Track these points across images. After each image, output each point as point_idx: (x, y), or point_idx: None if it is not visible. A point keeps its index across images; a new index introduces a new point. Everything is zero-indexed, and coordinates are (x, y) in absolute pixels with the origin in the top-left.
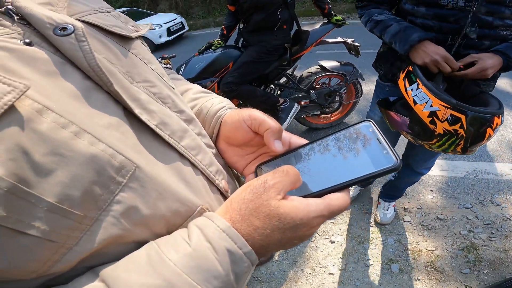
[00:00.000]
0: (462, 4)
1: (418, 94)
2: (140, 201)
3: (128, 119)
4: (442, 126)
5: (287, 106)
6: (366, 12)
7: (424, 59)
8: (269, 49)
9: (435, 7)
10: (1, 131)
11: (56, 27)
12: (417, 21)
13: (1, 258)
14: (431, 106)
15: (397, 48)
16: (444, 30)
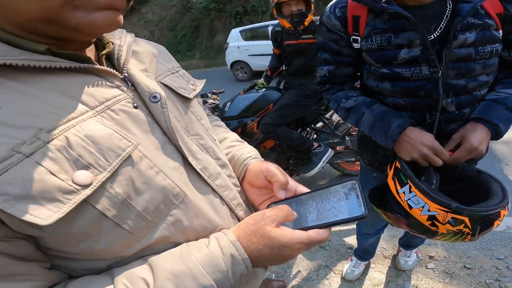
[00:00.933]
0: (427, 72)
1: (412, 198)
2: (183, 217)
3: (184, 163)
4: (445, 227)
5: (320, 151)
6: (332, 97)
7: (412, 154)
8: (307, 93)
9: (400, 80)
10: (122, 169)
11: (151, 95)
12: (387, 100)
13: (103, 241)
14: (429, 210)
15: (379, 142)
16: (419, 108)
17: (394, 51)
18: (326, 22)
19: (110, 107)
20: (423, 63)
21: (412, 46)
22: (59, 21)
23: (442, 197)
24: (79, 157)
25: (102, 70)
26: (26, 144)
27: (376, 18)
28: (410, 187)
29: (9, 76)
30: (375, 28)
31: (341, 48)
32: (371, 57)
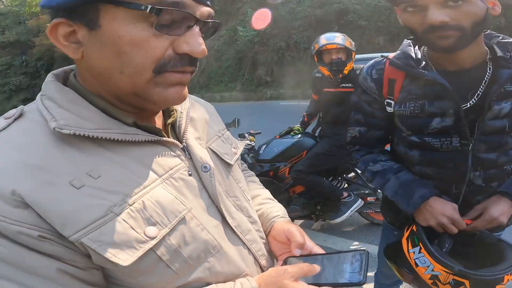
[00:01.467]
0: (457, 144)
1: (420, 258)
2: (217, 264)
3: (222, 221)
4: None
5: (350, 201)
6: (360, 158)
7: (429, 221)
8: (342, 143)
9: (429, 150)
10: (178, 226)
11: (203, 165)
12: (414, 168)
13: (155, 277)
14: (433, 270)
15: (401, 207)
16: (445, 179)
17: (427, 119)
18: (362, 84)
19: (172, 176)
20: (454, 134)
21: (445, 116)
22: (144, 95)
23: (447, 260)
24: (150, 216)
25: (169, 142)
26: (116, 206)
27: (412, 83)
28: (420, 248)
29: (105, 146)
30: (410, 94)
31: (374, 111)
32: (403, 123)
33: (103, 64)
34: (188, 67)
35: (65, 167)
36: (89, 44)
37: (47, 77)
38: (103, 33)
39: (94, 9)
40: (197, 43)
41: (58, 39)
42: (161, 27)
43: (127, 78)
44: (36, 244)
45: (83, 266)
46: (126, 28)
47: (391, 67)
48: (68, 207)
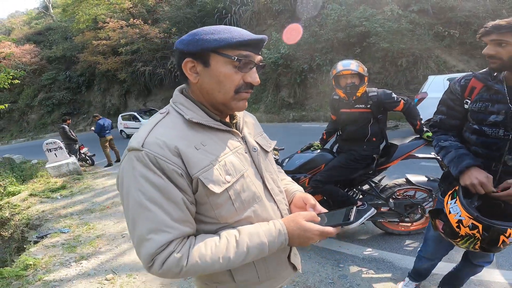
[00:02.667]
0: (501, 134)
1: (453, 207)
2: (259, 209)
3: (263, 184)
4: (465, 230)
5: (363, 209)
6: (436, 137)
7: (466, 182)
8: (357, 157)
9: (483, 136)
10: (240, 178)
11: (253, 147)
12: (471, 148)
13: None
14: (460, 216)
15: (451, 171)
16: (489, 157)
17: (487, 115)
18: (451, 86)
19: (238, 151)
20: (501, 127)
21: (499, 114)
22: (228, 105)
23: (472, 209)
24: (228, 169)
25: (235, 132)
26: (213, 161)
27: (486, 91)
28: (455, 200)
29: (207, 130)
30: (481, 97)
31: (455, 106)
32: (471, 116)
33: (210, 86)
34: (250, 90)
35: (192, 138)
36: (203, 74)
37: (176, 91)
38: (211, 69)
39: (207, 55)
40: (255, 76)
41: (187, 70)
42: (239, 68)
43: (222, 95)
44: (177, 179)
45: (191, 200)
46: (223, 68)
47: (475, 79)
48: (194, 158)
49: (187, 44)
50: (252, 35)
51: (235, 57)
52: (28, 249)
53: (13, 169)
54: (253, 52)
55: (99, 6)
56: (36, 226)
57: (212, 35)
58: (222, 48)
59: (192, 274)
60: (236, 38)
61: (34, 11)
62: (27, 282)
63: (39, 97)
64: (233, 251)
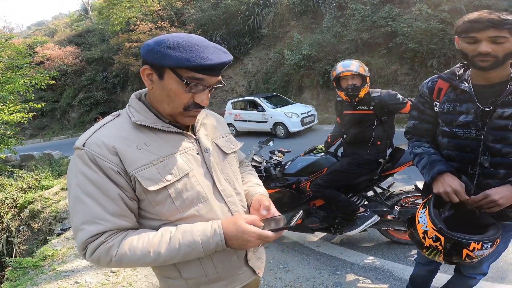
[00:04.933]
0: (473, 134)
1: (422, 217)
2: (203, 209)
3: (213, 184)
4: (429, 242)
5: (365, 216)
6: (410, 144)
7: (439, 189)
8: (360, 162)
9: (455, 138)
10: (184, 178)
11: (205, 148)
12: (444, 152)
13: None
14: (426, 226)
15: (424, 178)
16: (464, 160)
17: (456, 115)
18: (420, 90)
19: (186, 152)
20: (472, 127)
21: (469, 114)
22: (175, 118)
23: (437, 220)
24: (169, 169)
25: (187, 134)
26: (154, 160)
27: (452, 91)
28: (425, 209)
29: (154, 132)
30: (448, 98)
31: (425, 109)
32: (441, 118)
33: (160, 97)
34: (199, 109)
35: (135, 139)
36: (156, 85)
37: (132, 96)
38: (164, 83)
39: (163, 69)
40: (204, 98)
41: (144, 76)
42: (189, 90)
43: (170, 108)
44: (113, 175)
45: (130, 196)
46: (174, 85)
47: (441, 80)
48: (133, 157)
49: (148, 51)
50: (208, 60)
51: (185, 79)
52: (50, 241)
53: (51, 165)
54: (209, 75)
55: (131, 9)
56: (63, 219)
57: (172, 50)
58: (177, 67)
59: (124, 264)
60: (192, 62)
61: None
62: (42, 272)
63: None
64: (164, 247)
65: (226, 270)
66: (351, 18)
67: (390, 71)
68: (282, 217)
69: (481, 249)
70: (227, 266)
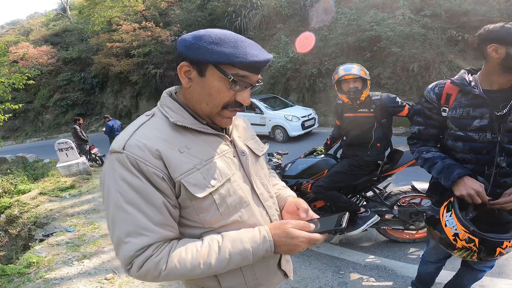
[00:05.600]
0: (489, 137)
1: (449, 220)
2: (245, 214)
3: (251, 188)
4: (462, 243)
5: (366, 216)
6: (416, 149)
7: (462, 192)
8: (360, 163)
9: (470, 141)
10: (226, 183)
11: (241, 151)
12: (458, 155)
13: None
14: (456, 229)
15: (442, 182)
16: (480, 162)
17: (470, 120)
18: (426, 95)
19: (225, 155)
20: (488, 130)
21: (483, 118)
22: (212, 118)
23: (468, 223)
24: (213, 174)
25: (224, 136)
26: (197, 165)
27: (463, 96)
28: (451, 213)
29: (193, 133)
30: (460, 103)
31: (432, 115)
32: (453, 123)
33: (199, 96)
34: (238, 108)
35: (176, 141)
36: (196, 82)
37: (164, 94)
38: (205, 80)
39: (205, 66)
40: (247, 97)
41: (181, 73)
42: (233, 87)
43: (209, 108)
44: (158, 181)
45: (173, 203)
46: (217, 82)
47: (450, 85)
48: (177, 161)
49: (188, 47)
50: (255, 57)
51: (231, 76)
52: (33, 247)
53: (25, 168)
54: (253, 72)
55: (114, 9)
56: (43, 224)
57: (216, 46)
58: (222, 63)
59: (172, 278)
60: (239, 58)
61: (52, 13)
62: (28, 279)
63: (54, 97)
64: (214, 257)
65: (264, 276)
66: (338, 22)
67: (374, 74)
68: (327, 219)
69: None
70: (265, 272)
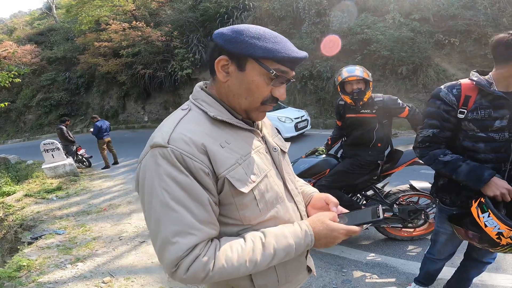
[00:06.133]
0: (507, 136)
1: (489, 220)
2: (281, 209)
3: (283, 184)
4: (506, 241)
5: None
6: (429, 153)
7: (495, 192)
8: (362, 163)
9: (491, 141)
10: (264, 178)
11: (273, 147)
12: (479, 156)
13: (248, 212)
14: (499, 229)
15: (471, 185)
16: (500, 160)
17: (492, 121)
18: (444, 97)
19: (259, 150)
20: (506, 130)
21: (503, 119)
22: (249, 113)
23: (509, 221)
24: (253, 169)
25: (256, 132)
26: (239, 160)
27: (483, 98)
28: (489, 213)
29: (230, 127)
30: (481, 105)
31: (449, 117)
32: (474, 124)
33: (238, 90)
34: (274, 103)
35: (217, 136)
36: (234, 76)
37: (196, 87)
38: (245, 75)
39: (245, 60)
40: (283, 92)
41: (218, 68)
42: (272, 82)
43: (247, 102)
44: (203, 178)
45: (215, 200)
46: (257, 77)
47: (467, 87)
48: (221, 156)
49: (228, 41)
50: (296, 53)
51: (273, 71)
52: (22, 250)
53: (8, 169)
54: (291, 68)
55: (103, 8)
56: (30, 227)
57: (258, 40)
58: (264, 58)
59: (217, 278)
60: (283, 53)
61: (37, 12)
62: (20, 283)
63: (37, 97)
64: (259, 254)
65: (294, 272)
66: (330, 24)
67: None
68: (357, 213)
69: None
70: (296, 268)
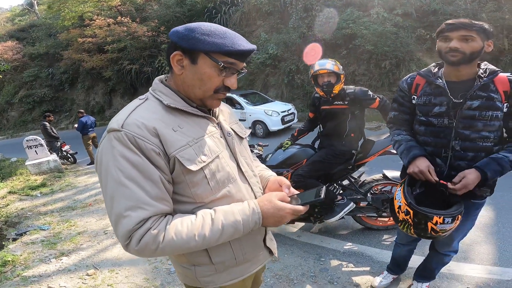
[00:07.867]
0: (446, 122)
1: (398, 194)
2: (233, 189)
3: (237, 166)
4: (402, 216)
5: (343, 203)
6: (391, 132)
7: (413, 169)
8: (336, 153)
9: (430, 126)
10: (215, 159)
11: (228, 133)
12: (420, 138)
13: (200, 189)
14: (400, 202)
15: (403, 162)
16: (438, 145)
17: (431, 107)
18: (400, 85)
19: (213, 135)
20: (445, 116)
21: (442, 105)
22: (204, 102)
23: (409, 196)
24: (203, 150)
25: (211, 118)
26: (190, 142)
27: (427, 86)
28: (401, 188)
29: (184, 114)
30: (425, 92)
31: (404, 102)
32: (418, 109)
33: (191, 82)
34: (227, 92)
35: (170, 121)
36: (188, 69)
37: (155, 80)
38: (197, 67)
39: (197, 54)
40: (234, 82)
41: (174, 62)
42: (222, 73)
43: (201, 92)
44: (155, 157)
45: (167, 178)
46: (208, 69)
47: (419, 76)
48: (172, 139)
49: (181, 38)
50: (242, 46)
51: (221, 63)
52: (7, 246)
53: None
54: (240, 60)
55: (86, 3)
56: (15, 223)
57: (207, 36)
58: (213, 52)
59: (168, 251)
60: (229, 47)
61: (18, 8)
62: (5, 278)
63: (20, 94)
64: (208, 229)
65: (251, 251)
66: (316, 20)
67: (349, 71)
68: (305, 193)
69: (442, 223)
70: (253, 247)
